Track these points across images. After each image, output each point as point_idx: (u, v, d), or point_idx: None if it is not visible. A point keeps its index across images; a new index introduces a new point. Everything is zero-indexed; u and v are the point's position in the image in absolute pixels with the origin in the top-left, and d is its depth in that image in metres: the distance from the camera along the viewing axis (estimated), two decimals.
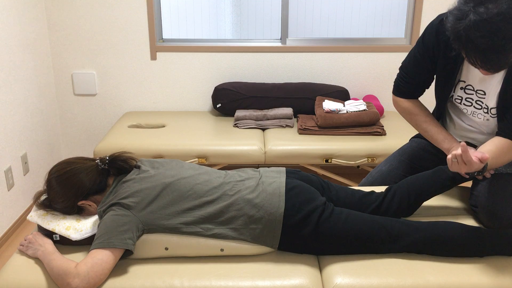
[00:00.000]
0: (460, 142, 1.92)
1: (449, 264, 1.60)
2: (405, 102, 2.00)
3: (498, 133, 1.75)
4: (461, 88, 1.86)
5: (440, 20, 1.80)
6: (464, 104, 1.87)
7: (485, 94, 1.79)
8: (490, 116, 1.81)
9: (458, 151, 1.55)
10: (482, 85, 1.78)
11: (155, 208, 1.62)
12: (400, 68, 1.99)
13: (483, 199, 1.78)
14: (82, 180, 1.68)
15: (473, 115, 1.87)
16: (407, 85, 1.97)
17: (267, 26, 3.52)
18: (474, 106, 1.85)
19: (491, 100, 1.78)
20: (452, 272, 1.57)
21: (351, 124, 3.02)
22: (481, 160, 1.58)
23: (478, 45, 1.46)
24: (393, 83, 3.47)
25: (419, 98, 2.02)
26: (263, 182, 1.71)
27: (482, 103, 1.81)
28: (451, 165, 1.60)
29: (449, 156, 1.60)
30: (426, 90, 2.00)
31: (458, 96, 1.88)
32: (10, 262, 1.62)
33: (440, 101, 1.97)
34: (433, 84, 1.98)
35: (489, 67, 1.52)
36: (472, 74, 1.80)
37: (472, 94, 1.83)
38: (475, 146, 1.90)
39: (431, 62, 1.87)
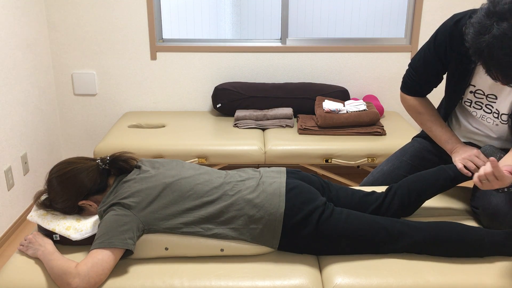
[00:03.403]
0: (464, 143, 1.91)
1: (449, 264, 1.60)
2: (412, 100, 1.97)
3: None
4: (471, 92, 1.83)
5: (455, 22, 1.74)
6: (473, 107, 1.85)
7: (496, 98, 1.76)
8: (500, 121, 1.79)
9: (488, 168, 1.49)
10: (493, 90, 1.76)
11: (155, 208, 1.62)
12: (409, 65, 1.95)
13: (485, 201, 1.77)
14: (82, 180, 1.68)
15: (482, 118, 1.84)
16: (414, 83, 1.94)
17: (267, 26, 3.52)
18: (483, 110, 1.82)
19: (503, 105, 1.75)
20: (452, 272, 1.57)
21: (351, 124, 3.02)
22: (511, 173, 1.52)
23: (501, 62, 1.43)
24: (395, 82, 3.51)
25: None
26: (264, 182, 1.71)
27: (493, 107, 1.79)
28: (481, 185, 1.54)
29: (476, 179, 1.53)
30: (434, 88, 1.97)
31: (467, 99, 1.85)
32: (10, 262, 1.61)
33: (450, 103, 1.94)
34: (443, 84, 1.94)
35: (511, 81, 1.49)
36: (483, 80, 1.77)
37: (482, 98, 1.80)
38: (479, 147, 1.89)
39: (441, 64, 1.83)
